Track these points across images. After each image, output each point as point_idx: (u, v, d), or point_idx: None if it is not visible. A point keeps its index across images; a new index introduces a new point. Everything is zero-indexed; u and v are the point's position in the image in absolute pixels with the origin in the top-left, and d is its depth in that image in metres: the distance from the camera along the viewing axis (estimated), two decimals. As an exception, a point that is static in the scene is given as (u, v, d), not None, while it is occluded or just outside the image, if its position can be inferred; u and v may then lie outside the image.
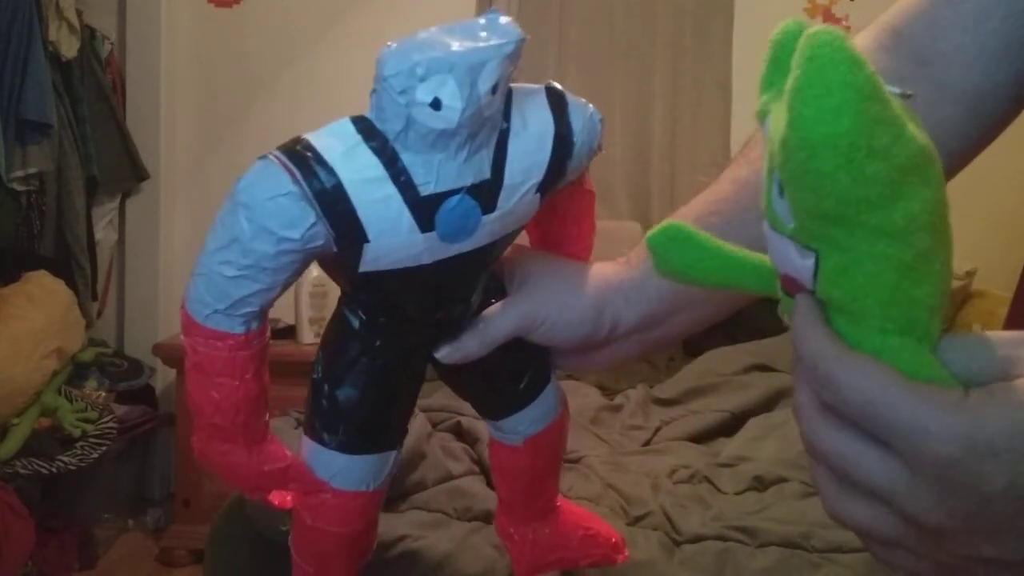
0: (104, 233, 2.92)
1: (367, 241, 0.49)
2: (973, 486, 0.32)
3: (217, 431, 0.54)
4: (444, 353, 0.57)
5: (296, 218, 0.47)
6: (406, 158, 0.48)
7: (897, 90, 0.34)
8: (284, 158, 0.48)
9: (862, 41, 0.61)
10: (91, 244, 2.81)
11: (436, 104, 0.45)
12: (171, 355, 2.72)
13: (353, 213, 0.48)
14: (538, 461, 0.65)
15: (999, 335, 0.35)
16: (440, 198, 0.49)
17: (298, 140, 0.49)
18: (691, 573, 1.30)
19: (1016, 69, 0.57)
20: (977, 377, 0.34)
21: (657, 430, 1.93)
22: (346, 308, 0.57)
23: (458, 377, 0.63)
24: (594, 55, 3.00)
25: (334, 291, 0.57)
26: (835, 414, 0.35)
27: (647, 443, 1.87)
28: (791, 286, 0.36)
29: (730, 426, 1.93)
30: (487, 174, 0.50)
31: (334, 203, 0.47)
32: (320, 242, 0.49)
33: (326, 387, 0.57)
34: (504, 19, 0.48)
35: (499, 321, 0.57)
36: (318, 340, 0.60)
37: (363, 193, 0.48)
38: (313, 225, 0.47)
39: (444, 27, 0.47)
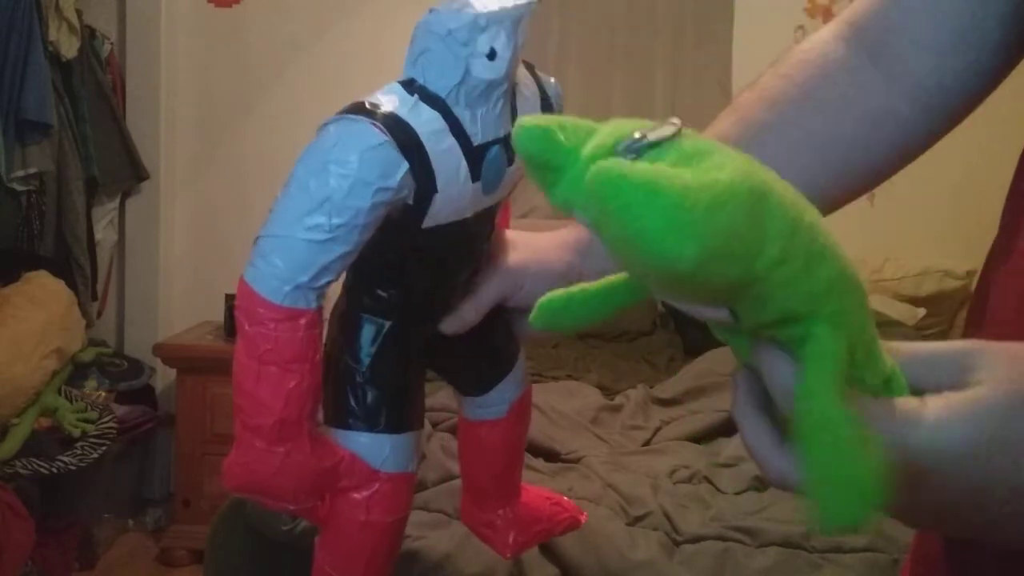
0: (104, 233, 2.92)
1: (436, 191, 0.52)
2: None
3: (283, 428, 0.51)
4: (447, 324, 0.61)
5: (392, 167, 0.50)
6: (457, 112, 0.52)
7: (673, 128, 0.34)
8: (363, 116, 0.50)
9: (825, 32, 0.64)
10: (91, 244, 2.81)
11: (492, 54, 0.50)
12: (171, 355, 2.72)
13: (428, 163, 0.51)
14: (519, 428, 0.70)
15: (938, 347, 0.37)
16: (484, 148, 0.53)
17: (361, 103, 0.51)
18: (691, 573, 1.30)
19: (963, 62, 0.58)
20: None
21: (657, 430, 1.93)
22: (363, 293, 0.59)
23: (455, 357, 0.66)
24: (594, 55, 3.00)
25: (333, 291, 0.57)
26: None
27: (647, 443, 1.87)
28: None
29: (730, 426, 1.92)
30: (510, 127, 0.55)
31: (415, 153, 0.50)
32: (405, 192, 0.51)
33: (361, 373, 0.58)
34: None
35: (487, 288, 0.62)
36: (318, 341, 0.60)
37: (433, 144, 0.51)
38: (406, 173, 0.50)
39: None
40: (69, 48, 2.67)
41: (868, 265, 2.85)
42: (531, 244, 0.65)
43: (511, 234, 0.66)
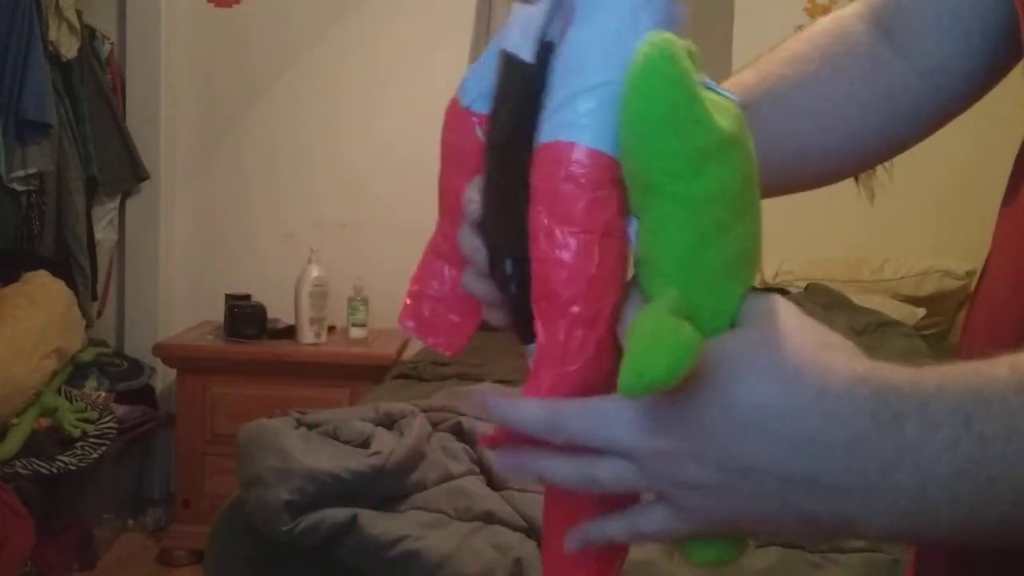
0: (104, 233, 2.92)
1: None
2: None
3: (616, 311, 0.43)
4: None
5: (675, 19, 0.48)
6: None
7: (736, 97, 0.42)
8: None
9: (846, 11, 0.67)
10: (91, 244, 2.81)
11: None
12: (171, 355, 2.72)
13: None
14: None
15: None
16: None
17: None
18: (691, 573, 1.30)
19: (965, 45, 0.60)
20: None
21: (657, 430, 1.93)
22: None
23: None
24: (594, 55, 3.00)
25: (334, 291, 0.57)
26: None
27: (647, 443, 1.87)
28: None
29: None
30: None
31: None
32: None
33: None
34: None
35: None
36: (318, 340, 0.60)
37: None
38: None
39: None
40: (69, 48, 2.67)
41: (868, 265, 2.85)
42: None
43: None
